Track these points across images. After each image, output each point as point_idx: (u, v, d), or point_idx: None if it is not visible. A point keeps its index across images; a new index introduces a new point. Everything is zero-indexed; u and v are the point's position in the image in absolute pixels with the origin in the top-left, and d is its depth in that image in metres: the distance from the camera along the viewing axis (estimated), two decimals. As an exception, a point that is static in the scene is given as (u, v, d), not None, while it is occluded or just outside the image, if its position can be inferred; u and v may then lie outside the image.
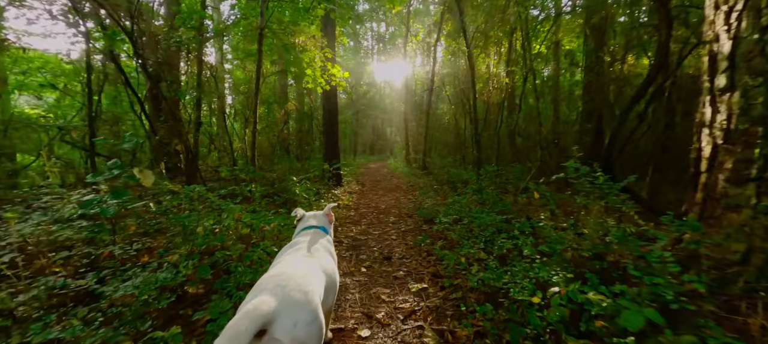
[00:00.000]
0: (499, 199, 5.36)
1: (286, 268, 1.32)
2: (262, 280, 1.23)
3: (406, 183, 9.56)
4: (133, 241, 2.93)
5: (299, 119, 14.17)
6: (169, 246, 2.81)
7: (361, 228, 4.81)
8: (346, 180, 9.33)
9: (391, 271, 3.19)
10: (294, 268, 1.32)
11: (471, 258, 3.09)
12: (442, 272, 3.05)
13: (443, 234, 4.15)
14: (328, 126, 8.40)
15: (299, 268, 1.34)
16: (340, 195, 7.35)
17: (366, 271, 3.21)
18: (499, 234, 3.56)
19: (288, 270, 1.29)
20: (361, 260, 3.53)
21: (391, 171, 13.85)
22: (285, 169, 10.83)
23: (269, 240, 3.39)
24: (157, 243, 3.07)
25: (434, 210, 5.19)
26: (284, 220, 3.98)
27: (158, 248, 2.82)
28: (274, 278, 1.21)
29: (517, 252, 2.91)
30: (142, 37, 4.47)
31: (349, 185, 8.95)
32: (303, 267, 1.36)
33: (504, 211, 4.61)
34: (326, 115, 8.32)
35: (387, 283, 2.92)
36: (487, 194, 5.52)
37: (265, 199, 5.00)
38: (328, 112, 8.36)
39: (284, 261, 1.46)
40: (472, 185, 6.78)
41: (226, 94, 12.38)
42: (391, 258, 3.55)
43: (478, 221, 3.97)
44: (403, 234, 4.50)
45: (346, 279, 2.97)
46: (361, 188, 8.83)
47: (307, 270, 1.35)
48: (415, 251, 3.77)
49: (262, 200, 4.91)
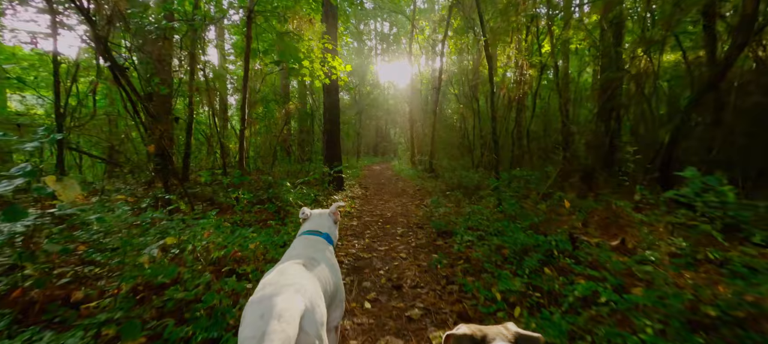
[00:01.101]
0: (521, 208, 4.60)
1: (280, 278, 1.14)
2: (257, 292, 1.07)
3: (412, 187, 8.80)
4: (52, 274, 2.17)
5: (300, 119, 13.48)
6: (102, 285, 2.04)
7: (365, 244, 4.05)
8: (348, 184, 8.59)
9: (403, 308, 2.43)
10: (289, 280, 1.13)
11: (510, 294, 2.32)
12: (471, 312, 2.29)
13: (464, 253, 3.39)
14: (329, 125, 7.66)
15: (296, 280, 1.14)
16: (342, 200, 6.60)
17: (371, 308, 2.45)
18: (531, 254, 2.79)
19: (282, 281, 1.12)
20: (365, 289, 2.78)
21: (396, 173, 13.08)
22: (284, 172, 10.14)
23: (251, 263, 2.65)
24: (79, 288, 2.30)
25: (449, 221, 4.43)
26: (272, 236, 3.23)
27: (82, 293, 2.05)
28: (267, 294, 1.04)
29: (564, 281, 2.15)
30: (107, 19, 3.75)
31: (352, 189, 8.20)
32: (300, 279, 1.16)
33: (533, 225, 3.85)
34: (327, 113, 7.58)
35: (399, 328, 2.17)
36: (509, 203, 4.76)
37: (256, 207, 4.27)
38: (328, 109, 7.62)
39: (280, 271, 1.22)
40: (487, 191, 6.01)
41: (229, 94, 11.72)
42: (401, 288, 2.78)
43: (508, 239, 3.21)
44: (414, 251, 3.74)
45: (344, 322, 2.22)
46: (365, 192, 8.08)
47: (303, 281, 1.15)
48: (431, 276, 3.01)
49: (251, 208, 4.17)
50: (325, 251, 1.55)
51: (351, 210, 6.01)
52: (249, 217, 4.02)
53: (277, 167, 11.30)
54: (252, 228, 3.37)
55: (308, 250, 1.48)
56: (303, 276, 1.19)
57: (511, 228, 3.57)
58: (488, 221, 4.07)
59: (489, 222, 4.02)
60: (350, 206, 6.21)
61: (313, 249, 1.50)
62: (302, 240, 1.60)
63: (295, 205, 4.38)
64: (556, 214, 4.61)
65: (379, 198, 7.42)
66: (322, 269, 1.38)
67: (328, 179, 6.95)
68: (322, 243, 1.60)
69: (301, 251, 1.47)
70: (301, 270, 1.25)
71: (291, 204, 4.37)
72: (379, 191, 8.36)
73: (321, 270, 1.36)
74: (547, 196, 5.47)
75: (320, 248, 1.55)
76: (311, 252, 1.47)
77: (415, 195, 7.54)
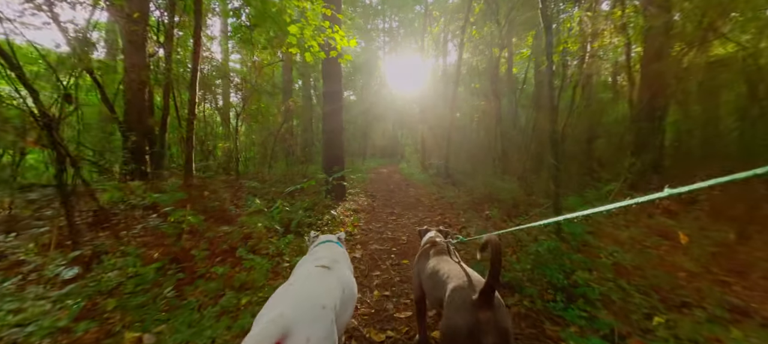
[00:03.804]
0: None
1: (304, 282, 1.27)
2: (278, 293, 1.18)
3: (427, 196, 7.16)
4: None
5: (300, 115, 11.98)
6: None
7: (372, 303, 2.44)
8: (352, 191, 6.98)
9: None
10: (311, 282, 1.28)
11: None
12: None
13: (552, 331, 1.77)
14: (330, 121, 6.06)
15: (316, 282, 1.29)
16: (342, 215, 4.99)
17: None
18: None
19: (306, 284, 1.25)
20: None
21: (405, 177, 11.44)
22: (280, 175, 8.59)
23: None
24: None
25: (505, 262, 2.80)
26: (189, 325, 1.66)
27: None
28: (291, 291, 1.18)
29: None
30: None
31: (356, 198, 6.60)
32: (320, 281, 1.30)
33: (656, 286, 2.25)
34: (327, 105, 5.99)
35: None
36: (574, 230, 3.15)
37: (204, 244, 2.70)
38: (329, 101, 6.03)
39: (301, 274, 1.38)
40: (537, 208, 4.37)
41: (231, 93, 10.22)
42: None
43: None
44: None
45: None
46: (371, 202, 6.47)
47: (324, 283, 1.29)
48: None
49: (177, 243, 2.59)
50: (346, 257, 1.72)
51: (354, 229, 4.41)
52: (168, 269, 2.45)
53: (275, 169, 9.79)
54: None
55: (331, 254, 1.58)
56: (325, 275, 1.33)
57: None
58: (570, 266, 2.46)
59: (571, 265, 2.42)
60: (353, 224, 4.61)
61: (334, 254, 1.61)
62: (327, 247, 1.71)
63: (265, 240, 2.78)
64: (666, 255, 2.97)
65: (389, 211, 5.80)
66: (343, 271, 1.48)
67: (326, 188, 5.33)
68: (343, 251, 1.74)
69: (326, 254, 1.58)
70: (324, 277, 1.33)
71: (258, 230, 2.77)
72: (388, 201, 6.75)
73: (341, 273, 1.45)
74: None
75: (341, 252, 1.69)
76: (333, 255, 1.57)
77: (433, 208, 5.92)
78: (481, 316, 1.13)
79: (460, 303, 1.20)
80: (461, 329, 1.14)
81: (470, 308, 1.16)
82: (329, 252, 1.61)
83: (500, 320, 1.13)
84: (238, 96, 9.98)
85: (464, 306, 1.18)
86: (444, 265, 1.52)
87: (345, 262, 1.62)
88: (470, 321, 1.14)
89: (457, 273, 1.37)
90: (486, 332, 1.11)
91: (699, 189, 0.64)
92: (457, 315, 1.18)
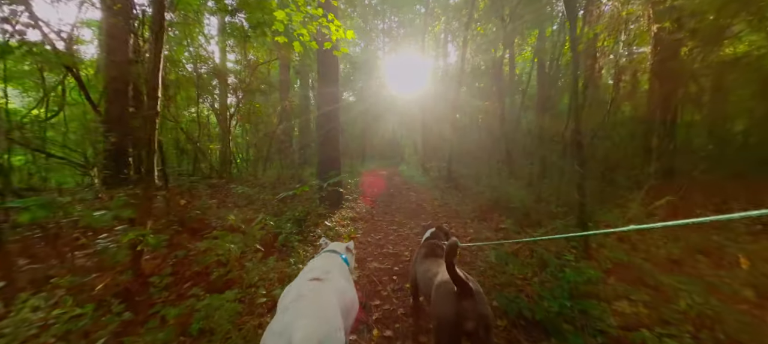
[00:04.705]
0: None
1: (308, 295, 1.26)
2: (285, 302, 1.23)
3: (429, 201, 6.67)
4: None
5: (298, 115, 11.49)
6: None
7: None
8: (349, 198, 6.49)
9: None
10: (315, 295, 1.27)
11: None
12: None
13: None
14: (325, 120, 5.55)
15: (319, 295, 1.28)
16: (338, 225, 4.49)
17: None
18: None
19: (310, 297, 1.24)
20: None
21: (405, 180, 10.94)
22: (274, 178, 8.09)
23: None
24: None
25: (528, 293, 2.31)
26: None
27: None
28: (298, 304, 1.17)
29: None
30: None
31: (353, 204, 6.10)
32: (320, 294, 1.29)
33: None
34: (323, 104, 5.48)
35: None
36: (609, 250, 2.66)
37: (168, 268, 2.19)
38: (325, 99, 5.53)
39: (301, 287, 1.34)
40: (556, 220, 3.89)
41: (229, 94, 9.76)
42: None
43: None
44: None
45: None
46: (370, 209, 5.97)
47: (323, 296, 1.28)
48: None
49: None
50: (343, 267, 1.69)
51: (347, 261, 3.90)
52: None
53: (270, 172, 9.29)
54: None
55: (326, 265, 1.59)
56: (320, 295, 1.27)
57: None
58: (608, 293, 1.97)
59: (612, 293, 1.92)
60: (350, 235, 4.10)
61: (331, 265, 1.61)
62: (323, 257, 1.74)
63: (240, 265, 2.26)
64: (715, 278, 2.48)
65: (389, 219, 5.31)
66: (339, 282, 1.47)
67: (320, 195, 4.82)
68: (339, 261, 1.74)
69: (321, 265, 1.60)
70: (319, 288, 1.33)
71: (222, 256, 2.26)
72: (388, 207, 6.25)
73: (338, 283, 1.44)
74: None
75: (337, 263, 1.68)
76: (329, 267, 1.57)
77: (437, 216, 5.42)
78: (463, 304, 1.29)
79: (444, 294, 1.38)
80: (447, 316, 1.31)
81: (453, 298, 1.32)
82: (323, 263, 1.64)
83: (479, 307, 1.29)
84: (231, 95, 9.47)
85: (448, 297, 1.34)
86: (433, 266, 1.72)
87: (340, 272, 1.60)
88: (454, 309, 1.30)
89: (444, 271, 1.45)
90: (467, 317, 1.27)
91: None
92: (443, 305, 1.35)
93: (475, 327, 1.25)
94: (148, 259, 2.31)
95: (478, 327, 1.25)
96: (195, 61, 8.05)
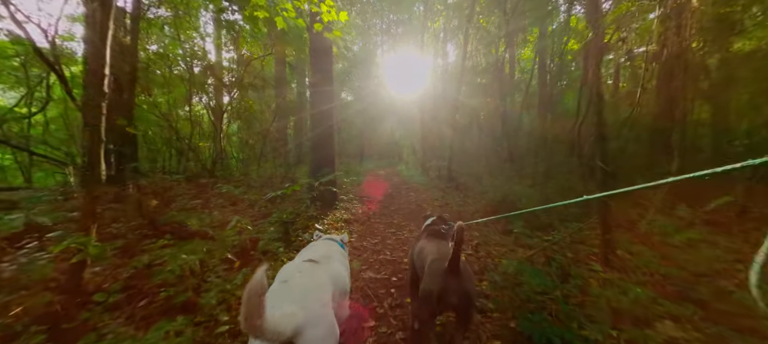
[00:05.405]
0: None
1: (300, 279, 1.26)
2: (275, 289, 1.19)
3: (430, 202, 6.27)
4: None
5: (292, 112, 11.07)
6: None
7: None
8: (345, 198, 6.07)
9: None
10: (305, 279, 1.28)
11: None
12: None
13: None
14: (319, 115, 5.14)
15: (309, 278, 1.29)
16: (330, 228, 4.07)
17: None
18: None
19: (301, 280, 1.25)
20: None
21: (404, 180, 10.53)
22: (265, 178, 7.68)
23: None
24: None
25: (551, 310, 1.91)
26: None
27: None
28: (289, 289, 1.19)
29: None
30: None
31: (349, 205, 5.68)
32: (312, 277, 1.32)
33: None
34: (315, 96, 5.07)
35: None
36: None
37: (120, 282, 1.79)
38: (318, 91, 5.12)
39: (296, 270, 1.35)
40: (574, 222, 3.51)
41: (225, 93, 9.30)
42: None
43: None
44: None
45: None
46: (367, 211, 5.56)
47: (316, 279, 1.30)
48: None
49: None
50: (341, 253, 1.76)
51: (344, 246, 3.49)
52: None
53: (263, 170, 8.87)
54: None
55: (325, 250, 1.64)
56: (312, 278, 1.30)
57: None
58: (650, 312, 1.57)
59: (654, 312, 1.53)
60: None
61: (330, 250, 1.66)
62: (322, 242, 1.83)
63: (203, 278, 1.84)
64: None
65: (387, 220, 4.91)
66: (335, 266, 1.52)
67: (311, 195, 4.40)
68: (337, 247, 1.79)
69: (320, 249, 1.63)
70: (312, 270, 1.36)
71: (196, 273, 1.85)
72: (386, 208, 5.84)
73: (334, 267, 1.50)
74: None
75: (336, 249, 1.73)
76: (328, 251, 1.62)
77: (438, 218, 5.02)
78: (449, 281, 1.39)
79: (434, 271, 1.48)
80: (432, 291, 1.41)
81: (441, 275, 1.42)
82: (324, 248, 1.65)
83: (464, 284, 1.40)
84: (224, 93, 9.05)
85: (437, 274, 1.45)
86: (429, 244, 1.80)
87: (338, 259, 1.63)
88: (440, 285, 1.40)
89: (437, 250, 1.66)
90: (452, 293, 1.38)
91: None
92: (430, 281, 1.46)
93: (457, 302, 1.37)
94: (97, 272, 1.91)
95: (460, 302, 1.37)
96: (188, 57, 7.62)
